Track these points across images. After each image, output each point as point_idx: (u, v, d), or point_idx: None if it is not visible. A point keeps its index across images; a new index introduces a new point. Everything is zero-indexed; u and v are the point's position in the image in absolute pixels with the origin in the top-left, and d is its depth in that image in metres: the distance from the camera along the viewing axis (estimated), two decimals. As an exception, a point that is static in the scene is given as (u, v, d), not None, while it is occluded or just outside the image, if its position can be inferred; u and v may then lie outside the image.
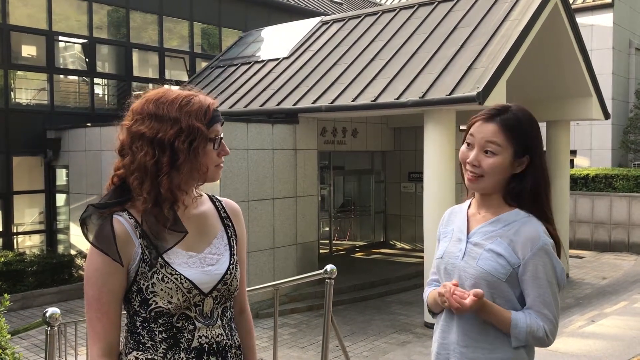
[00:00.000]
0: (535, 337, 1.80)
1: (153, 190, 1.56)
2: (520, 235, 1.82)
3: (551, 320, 1.81)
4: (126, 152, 1.60)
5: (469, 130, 1.92)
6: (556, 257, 1.83)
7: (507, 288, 1.83)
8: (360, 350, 8.25)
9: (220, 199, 1.82)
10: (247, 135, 10.02)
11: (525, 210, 1.87)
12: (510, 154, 1.84)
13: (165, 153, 1.56)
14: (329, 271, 3.90)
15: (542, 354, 4.95)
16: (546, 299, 1.80)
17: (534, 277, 1.80)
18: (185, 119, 1.58)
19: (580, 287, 11.30)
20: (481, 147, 1.86)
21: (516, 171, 1.87)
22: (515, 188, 1.87)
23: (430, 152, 9.18)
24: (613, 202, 14.89)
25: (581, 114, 12.07)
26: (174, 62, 16.47)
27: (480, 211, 1.95)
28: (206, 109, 1.63)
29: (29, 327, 8.02)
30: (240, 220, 1.82)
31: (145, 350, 1.59)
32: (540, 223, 1.84)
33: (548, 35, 10.47)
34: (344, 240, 15.58)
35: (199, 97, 1.65)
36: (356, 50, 11.53)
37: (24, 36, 13.78)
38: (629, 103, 19.85)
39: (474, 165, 1.86)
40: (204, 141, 1.61)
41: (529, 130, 1.88)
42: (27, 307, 10.89)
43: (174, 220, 1.59)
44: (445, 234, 2.02)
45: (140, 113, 1.61)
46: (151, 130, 1.57)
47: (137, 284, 1.58)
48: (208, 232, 1.71)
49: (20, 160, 13.30)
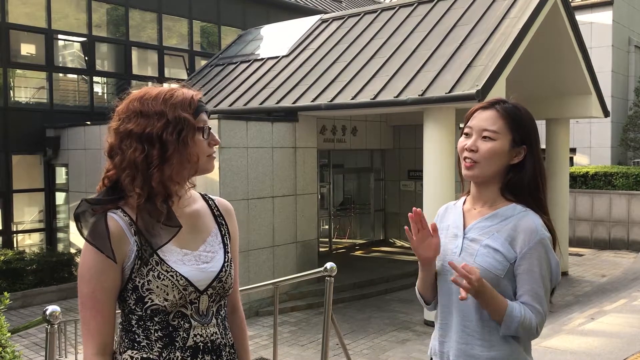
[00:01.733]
0: (526, 328, 1.80)
1: (145, 185, 1.56)
2: (518, 229, 1.81)
3: (541, 313, 1.81)
4: (116, 152, 1.60)
5: (467, 121, 1.92)
6: (552, 252, 1.83)
7: (505, 284, 1.82)
8: (360, 348, 8.26)
9: (213, 197, 1.83)
10: (246, 133, 10.01)
11: (523, 204, 1.87)
12: (508, 140, 1.84)
13: (154, 147, 1.57)
14: (329, 269, 3.90)
15: (542, 351, 4.95)
16: (538, 292, 1.80)
17: (528, 271, 1.79)
18: (170, 110, 1.59)
19: (579, 285, 11.31)
20: (479, 132, 1.86)
21: (513, 162, 1.86)
22: (513, 178, 1.87)
23: (430, 150, 9.18)
24: (612, 199, 14.90)
25: (581, 112, 12.07)
26: (174, 61, 16.46)
27: (476, 206, 1.94)
28: (190, 100, 1.64)
29: (29, 325, 8.03)
30: (232, 219, 1.82)
31: (141, 349, 1.59)
32: (537, 217, 1.84)
33: (547, 33, 10.47)
34: (343, 239, 15.58)
35: (181, 90, 1.66)
36: (356, 48, 11.52)
37: (23, 34, 13.77)
38: (629, 101, 19.84)
39: (471, 150, 1.85)
40: (193, 131, 1.62)
41: (527, 120, 1.89)
42: (26, 306, 10.89)
43: (168, 215, 1.59)
44: (440, 230, 2.01)
45: (126, 112, 1.62)
46: (138, 127, 1.58)
47: (133, 281, 1.58)
48: (202, 230, 1.71)
49: (19, 159, 13.29)
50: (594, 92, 11.80)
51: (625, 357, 4.85)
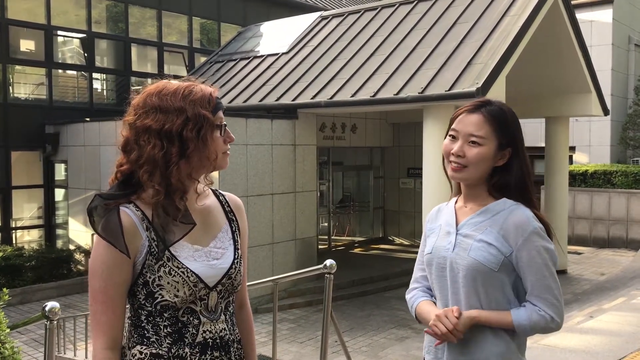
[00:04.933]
0: (541, 327, 1.82)
1: (163, 182, 1.55)
2: (510, 223, 1.82)
3: (554, 303, 1.81)
4: (131, 147, 1.58)
5: (452, 123, 1.92)
6: (548, 239, 1.83)
7: (501, 277, 1.82)
8: (359, 346, 8.27)
9: (223, 193, 1.83)
10: (246, 130, 10.01)
11: (512, 199, 1.88)
12: (495, 145, 1.85)
13: (174, 144, 1.56)
14: (329, 266, 3.90)
15: (541, 349, 4.95)
16: (546, 282, 1.80)
17: (530, 263, 1.79)
18: (190, 107, 1.58)
19: (578, 283, 11.32)
20: (466, 138, 1.87)
21: (498, 164, 1.87)
22: (499, 180, 1.87)
23: (430, 147, 9.18)
24: (612, 198, 14.91)
25: (580, 110, 12.07)
26: (173, 57, 16.44)
27: (467, 204, 1.94)
28: (209, 97, 1.64)
29: (28, 322, 8.00)
30: (243, 215, 1.82)
31: (150, 345, 1.59)
32: (528, 209, 1.84)
33: (548, 31, 10.46)
34: (342, 236, 15.59)
35: (199, 86, 1.66)
36: (355, 45, 11.51)
37: (23, 30, 13.74)
38: (628, 99, 19.83)
39: (458, 155, 1.87)
40: (211, 128, 1.62)
41: (513, 122, 1.89)
42: (25, 302, 10.89)
43: (185, 212, 1.59)
44: (432, 230, 2.03)
45: (144, 107, 1.59)
46: (157, 123, 1.56)
47: (144, 277, 1.57)
48: (213, 226, 1.71)
49: (18, 155, 13.28)
50: (593, 91, 11.79)
51: (624, 355, 4.85)
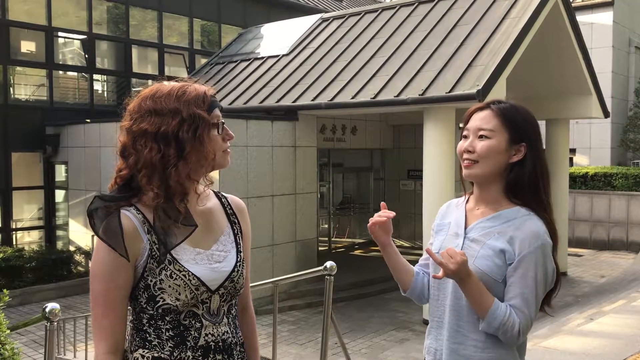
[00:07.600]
0: (508, 331, 1.76)
1: (163, 184, 1.55)
2: (521, 232, 1.79)
3: (528, 318, 1.77)
4: (129, 152, 1.58)
5: (466, 123, 1.93)
6: (551, 259, 1.80)
7: (502, 286, 1.81)
8: (359, 348, 8.26)
9: (225, 195, 1.82)
10: (246, 132, 10.01)
11: (526, 207, 1.85)
12: (505, 138, 1.84)
13: (170, 145, 1.55)
14: (329, 268, 3.90)
15: (541, 352, 4.95)
16: (529, 297, 1.77)
17: (523, 274, 1.77)
18: (185, 108, 1.58)
19: (578, 286, 11.31)
20: (475, 133, 1.87)
21: (512, 160, 1.85)
22: (513, 177, 1.85)
23: (430, 149, 9.18)
24: (612, 200, 14.90)
25: (581, 112, 12.07)
26: (174, 59, 16.45)
27: (479, 207, 1.92)
28: (203, 96, 1.63)
29: (28, 323, 8.00)
30: (245, 217, 1.82)
31: (152, 348, 1.58)
32: (541, 222, 1.82)
33: (548, 33, 10.46)
34: (343, 238, 15.57)
35: (193, 86, 1.65)
36: (356, 47, 11.52)
37: (23, 32, 13.75)
38: (629, 102, 19.85)
39: (468, 151, 1.86)
40: (208, 127, 1.61)
41: (525, 118, 1.88)
42: (25, 303, 10.88)
43: (185, 214, 1.58)
44: (441, 227, 2.01)
45: (139, 111, 1.59)
46: (153, 126, 1.56)
47: (145, 280, 1.56)
48: (215, 228, 1.70)
49: (19, 156, 13.28)
50: (594, 93, 11.80)
51: (624, 357, 4.85)
